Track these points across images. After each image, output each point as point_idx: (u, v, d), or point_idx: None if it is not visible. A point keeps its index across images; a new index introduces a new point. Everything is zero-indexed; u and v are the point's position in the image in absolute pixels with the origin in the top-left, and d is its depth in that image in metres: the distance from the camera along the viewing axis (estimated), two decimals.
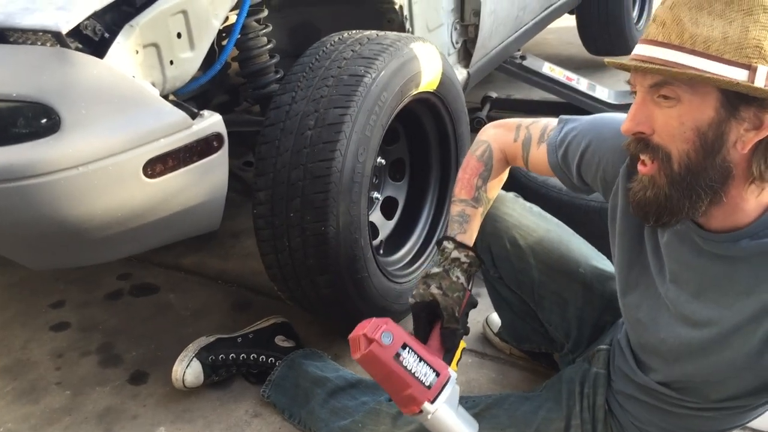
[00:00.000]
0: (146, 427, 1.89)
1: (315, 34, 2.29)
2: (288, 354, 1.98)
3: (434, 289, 1.50)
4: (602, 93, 3.56)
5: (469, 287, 1.56)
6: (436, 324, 1.52)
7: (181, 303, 2.39)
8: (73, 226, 1.54)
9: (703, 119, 1.06)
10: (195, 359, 1.94)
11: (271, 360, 1.98)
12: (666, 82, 1.06)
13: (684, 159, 1.09)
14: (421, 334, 1.52)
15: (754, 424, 1.69)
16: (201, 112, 1.66)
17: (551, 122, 1.55)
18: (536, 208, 1.79)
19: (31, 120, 1.46)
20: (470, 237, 1.58)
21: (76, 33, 1.51)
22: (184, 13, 1.65)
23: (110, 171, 1.52)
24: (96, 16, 1.54)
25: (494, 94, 3.88)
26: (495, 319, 2.14)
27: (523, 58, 3.63)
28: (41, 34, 1.52)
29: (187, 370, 1.93)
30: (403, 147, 2.25)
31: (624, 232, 1.38)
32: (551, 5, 3.59)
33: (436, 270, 1.53)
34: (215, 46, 2.07)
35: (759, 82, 1.00)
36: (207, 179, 1.68)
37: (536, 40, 5.15)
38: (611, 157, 1.38)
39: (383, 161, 2.17)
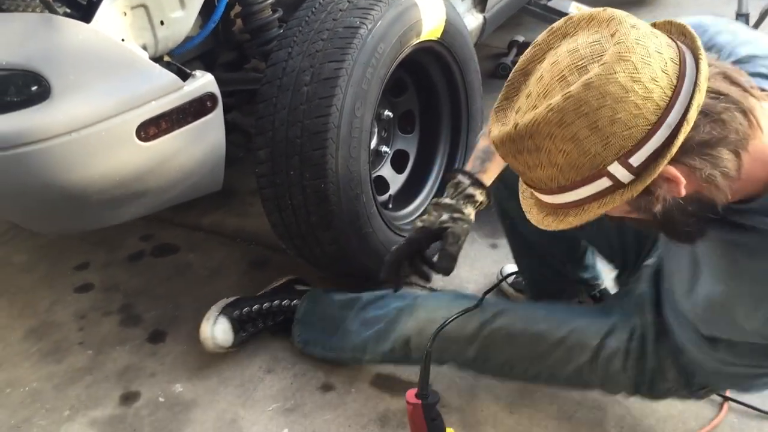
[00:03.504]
0: (163, 384, 1.94)
1: None
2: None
3: (445, 217, 1.53)
4: None
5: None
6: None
7: (200, 263, 2.42)
8: (70, 191, 1.56)
9: (627, 209, 1.03)
10: (222, 315, 1.94)
11: (295, 302, 1.97)
12: None
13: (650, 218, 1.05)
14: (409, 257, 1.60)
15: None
16: (193, 72, 1.65)
17: None
18: None
19: (21, 88, 1.48)
20: (489, 177, 1.57)
21: None
22: None
23: (103, 135, 1.53)
24: None
25: (521, 38, 3.77)
26: (510, 270, 2.12)
27: None
28: (30, 0, 1.53)
29: (216, 326, 1.92)
30: (411, 98, 2.21)
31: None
32: None
33: (448, 201, 1.55)
34: (215, 2, 2.06)
35: (621, 176, 0.96)
36: (203, 140, 1.68)
37: None
38: None
39: (390, 114, 2.13)
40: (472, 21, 2.66)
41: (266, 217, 1.89)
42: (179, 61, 1.98)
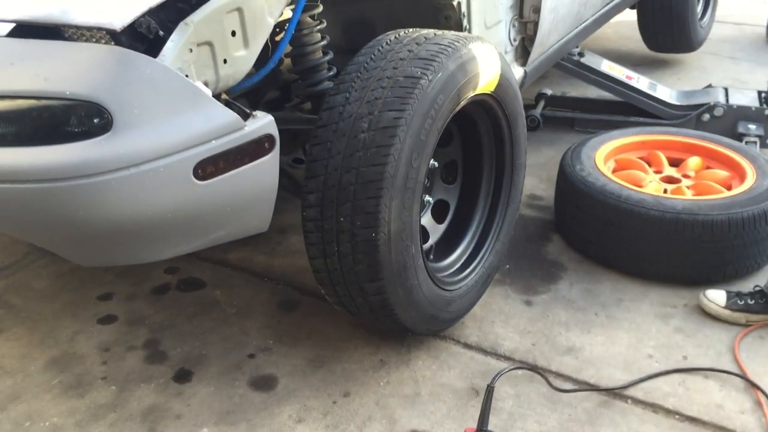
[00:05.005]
0: (189, 427, 1.88)
1: (370, 30, 2.24)
2: None
3: None
4: (663, 93, 3.43)
5: None
6: None
7: (227, 300, 2.38)
8: (123, 226, 1.52)
9: None
10: None
11: None
12: None
13: None
14: None
15: None
16: (254, 112, 1.62)
17: None
18: None
19: (83, 119, 1.44)
20: None
21: (131, 31, 1.49)
22: (239, 10, 1.61)
23: (161, 172, 1.49)
24: (151, 13, 1.52)
25: (549, 91, 3.79)
26: (713, 295, 2.17)
27: (581, 55, 3.53)
28: (96, 31, 1.50)
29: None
30: (456, 149, 2.18)
31: None
32: (612, 1, 3.46)
33: None
34: (268, 42, 2.04)
35: None
36: (257, 181, 1.65)
37: (595, 36, 5.03)
38: None
39: (435, 163, 2.11)
40: (515, 74, 2.65)
41: (309, 261, 1.85)
42: (231, 98, 1.97)
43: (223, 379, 2.03)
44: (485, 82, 1.91)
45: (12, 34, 1.52)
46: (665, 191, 2.47)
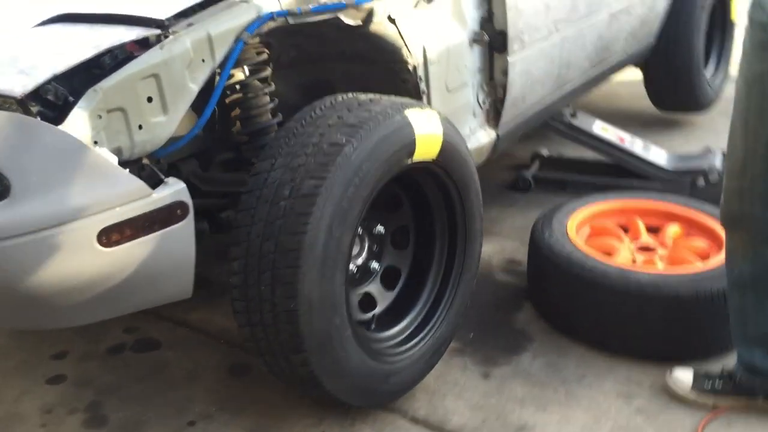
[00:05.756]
0: None
1: (330, 92, 2.22)
2: None
3: None
4: (657, 156, 3.32)
5: None
6: None
7: (178, 363, 2.33)
8: (25, 292, 1.50)
9: None
10: None
11: None
12: None
13: None
14: None
15: None
16: (166, 179, 1.60)
17: None
18: None
19: None
20: None
21: (37, 97, 1.49)
22: (156, 76, 1.60)
23: (62, 239, 1.47)
24: (61, 79, 1.52)
25: (545, 152, 3.71)
26: (680, 375, 2.04)
27: (573, 116, 3.45)
28: (3, 98, 1.51)
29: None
30: (406, 214, 2.12)
31: None
32: (605, 62, 3.39)
33: None
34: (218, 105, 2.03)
35: None
36: (171, 248, 1.62)
37: (606, 93, 4.95)
38: None
39: (383, 229, 2.05)
40: (484, 137, 2.60)
41: (238, 329, 1.80)
42: (172, 158, 1.96)
43: None
44: (424, 149, 1.86)
45: None
46: (633, 261, 2.35)
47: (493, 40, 2.47)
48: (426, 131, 1.86)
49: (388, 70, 2.23)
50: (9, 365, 2.36)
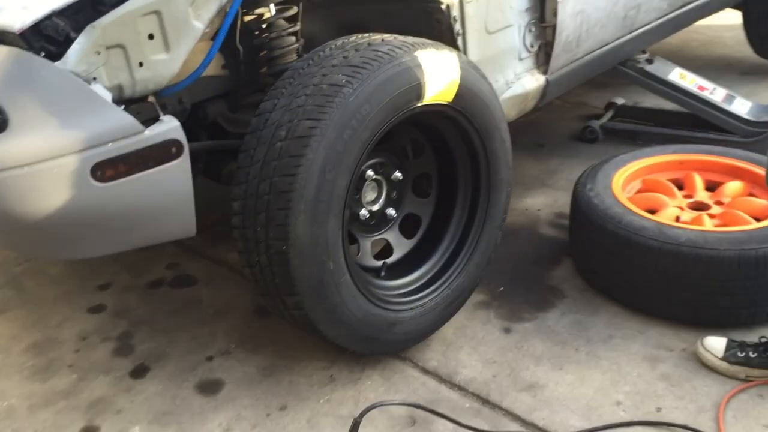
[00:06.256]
0: (124, 423, 1.91)
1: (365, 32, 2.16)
2: None
3: None
4: (740, 107, 3.05)
5: None
6: None
7: (210, 300, 2.39)
8: (24, 222, 1.56)
9: None
10: None
11: None
12: None
13: None
14: None
15: None
16: (162, 117, 1.61)
17: None
18: None
19: None
20: None
21: (39, 33, 1.52)
22: (158, 13, 1.60)
23: (57, 172, 1.51)
24: (62, 15, 1.54)
25: (621, 100, 3.50)
26: (712, 342, 1.93)
27: (649, 61, 3.21)
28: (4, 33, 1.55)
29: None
30: (429, 161, 2.06)
31: None
32: (688, 3, 3.12)
33: None
34: (238, 45, 2.02)
35: None
36: (167, 186, 1.63)
37: (709, 38, 4.61)
38: None
39: (400, 176, 1.99)
40: (531, 82, 2.47)
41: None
42: (197, 98, 1.97)
43: (173, 380, 2.05)
44: (435, 91, 1.78)
45: None
46: (677, 219, 2.18)
47: None
48: (438, 74, 1.77)
49: (421, 10, 2.14)
50: (59, 292, 2.50)
